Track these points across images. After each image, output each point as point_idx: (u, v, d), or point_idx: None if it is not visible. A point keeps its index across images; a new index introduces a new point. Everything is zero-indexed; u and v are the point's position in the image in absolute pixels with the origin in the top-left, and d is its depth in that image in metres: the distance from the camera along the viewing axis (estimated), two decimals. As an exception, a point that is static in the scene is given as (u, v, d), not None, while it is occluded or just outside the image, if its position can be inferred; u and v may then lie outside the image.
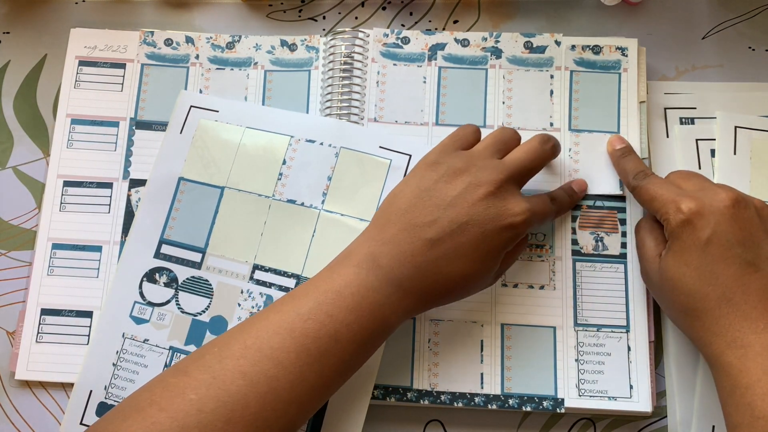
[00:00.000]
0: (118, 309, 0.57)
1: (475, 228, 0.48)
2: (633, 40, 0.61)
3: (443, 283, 0.48)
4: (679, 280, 0.49)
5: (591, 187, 0.59)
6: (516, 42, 0.61)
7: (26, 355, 0.57)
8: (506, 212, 0.49)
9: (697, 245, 0.48)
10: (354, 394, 0.54)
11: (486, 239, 0.48)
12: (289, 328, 0.45)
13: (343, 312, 0.46)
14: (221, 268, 0.57)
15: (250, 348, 0.45)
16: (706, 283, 0.48)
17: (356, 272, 0.47)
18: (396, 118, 0.60)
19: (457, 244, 0.48)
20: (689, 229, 0.48)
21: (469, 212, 0.48)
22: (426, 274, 0.48)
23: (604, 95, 0.60)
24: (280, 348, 0.44)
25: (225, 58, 0.62)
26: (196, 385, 0.43)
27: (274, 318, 0.46)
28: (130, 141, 0.60)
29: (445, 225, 0.48)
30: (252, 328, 0.46)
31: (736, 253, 0.48)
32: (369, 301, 0.47)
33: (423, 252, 0.48)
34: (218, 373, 0.44)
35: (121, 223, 0.59)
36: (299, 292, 0.48)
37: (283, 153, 0.59)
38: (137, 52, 0.62)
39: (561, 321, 0.56)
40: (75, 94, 0.61)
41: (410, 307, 0.48)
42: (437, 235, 0.48)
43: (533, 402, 0.55)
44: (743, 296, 0.47)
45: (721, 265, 0.47)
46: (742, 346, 0.46)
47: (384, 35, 0.62)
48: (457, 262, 0.48)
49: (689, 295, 0.48)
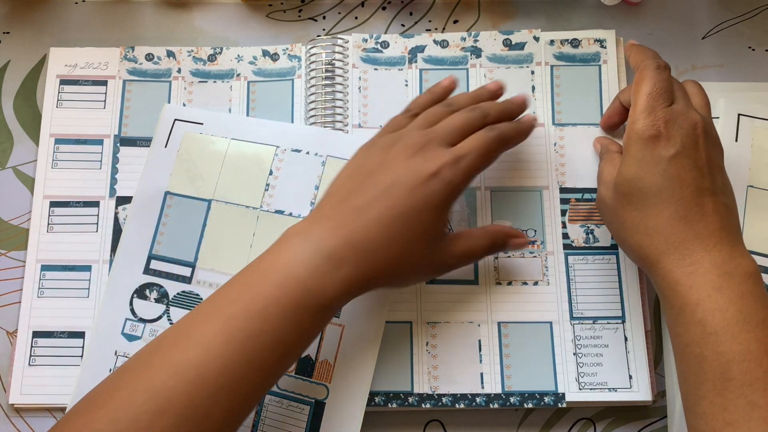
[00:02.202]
0: (110, 327, 0.56)
1: (401, 188, 0.47)
2: (611, 32, 0.62)
3: (379, 252, 0.47)
4: (634, 194, 0.48)
5: (578, 181, 0.59)
6: (495, 40, 0.62)
7: (19, 379, 0.56)
8: (429, 161, 0.48)
9: (657, 159, 0.47)
10: (349, 400, 0.54)
11: (415, 196, 0.47)
12: (218, 313, 0.45)
13: (270, 288, 0.45)
14: (212, 282, 0.57)
15: (180, 337, 0.44)
16: (661, 200, 0.47)
17: (285, 249, 0.47)
18: (380, 122, 0.60)
19: (386, 207, 0.47)
20: (652, 142, 0.47)
21: (393, 174, 0.48)
22: (357, 244, 0.46)
23: (585, 88, 0.61)
24: (207, 333, 0.44)
25: (207, 71, 0.62)
26: (128, 378, 0.43)
27: (205, 307, 0.46)
28: (115, 158, 0.60)
29: (371, 190, 0.48)
30: (185, 319, 0.46)
31: (694, 176, 0.47)
32: (297, 274, 0.45)
33: (352, 220, 0.47)
34: (148, 365, 0.43)
35: (109, 242, 0.58)
36: (231, 280, 0.47)
37: (269, 163, 0.59)
38: (118, 69, 0.62)
39: (557, 316, 0.56)
40: (57, 113, 0.61)
41: (347, 281, 0.46)
42: (365, 202, 0.47)
43: (534, 398, 0.55)
44: (697, 216, 0.47)
45: (678, 185, 0.47)
46: (691, 263, 0.46)
47: (363, 40, 0.62)
48: (390, 226, 0.47)
49: (642, 208, 0.48)
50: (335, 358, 0.54)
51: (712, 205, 0.47)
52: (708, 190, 0.47)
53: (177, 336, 0.45)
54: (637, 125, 0.48)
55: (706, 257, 0.46)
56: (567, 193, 0.59)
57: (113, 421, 0.41)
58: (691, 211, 0.47)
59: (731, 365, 0.43)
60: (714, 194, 0.47)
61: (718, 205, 0.47)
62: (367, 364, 0.54)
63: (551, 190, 0.59)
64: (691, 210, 0.47)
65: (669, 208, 0.47)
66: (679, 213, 0.47)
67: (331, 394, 0.54)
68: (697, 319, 0.45)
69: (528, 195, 0.59)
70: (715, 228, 0.47)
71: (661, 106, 0.48)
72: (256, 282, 0.45)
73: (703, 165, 0.48)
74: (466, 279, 0.57)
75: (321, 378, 0.54)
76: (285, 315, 0.44)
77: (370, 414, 0.54)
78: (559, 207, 0.59)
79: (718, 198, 0.47)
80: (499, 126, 0.52)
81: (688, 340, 0.45)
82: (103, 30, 0.64)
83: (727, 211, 0.48)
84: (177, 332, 0.45)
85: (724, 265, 0.45)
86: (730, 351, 0.43)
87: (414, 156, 0.49)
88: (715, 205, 0.47)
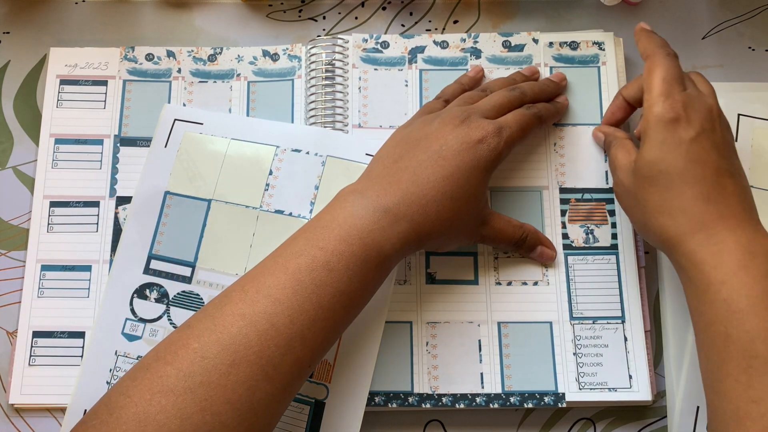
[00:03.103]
0: (110, 327, 0.56)
1: (450, 151, 0.50)
2: (609, 34, 0.62)
3: (433, 208, 0.49)
4: (657, 176, 0.49)
5: (578, 181, 0.59)
6: (494, 42, 0.62)
7: (19, 379, 0.56)
8: (474, 130, 0.51)
9: (678, 141, 0.48)
10: (349, 400, 0.54)
11: (463, 159, 0.50)
12: (283, 266, 0.46)
13: (332, 242, 0.47)
14: (212, 282, 0.57)
15: (248, 291, 0.45)
16: (684, 181, 0.48)
17: (342, 206, 0.49)
18: (380, 123, 0.60)
19: (437, 167, 0.50)
20: (672, 125, 0.48)
21: (442, 139, 0.51)
22: (413, 200, 0.49)
23: (585, 88, 0.61)
24: (275, 286, 0.45)
25: (207, 71, 0.62)
26: (197, 333, 0.44)
27: (268, 263, 0.47)
28: (115, 158, 0.60)
29: (420, 154, 0.51)
30: (249, 276, 0.47)
31: (714, 158, 0.48)
32: (357, 228, 0.47)
33: (406, 179, 0.50)
34: (218, 319, 0.44)
35: (109, 242, 0.58)
36: (291, 237, 0.49)
37: (269, 163, 0.59)
38: (118, 69, 0.62)
39: (557, 316, 0.56)
40: (57, 113, 0.61)
41: (404, 236, 0.48)
42: (416, 164, 0.50)
43: (534, 398, 0.55)
44: (720, 197, 0.47)
45: (700, 166, 0.48)
46: (716, 242, 0.46)
47: (363, 40, 0.62)
48: (442, 185, 0.50)
49: (665, 190, 0.48)
50: (335, 358, 0.54)
51: (732, 186, 0.48)
52: (728, 171, 0.48)
53: (244, 290, 0.46)
54: (656, 108, 0.49)
55: (731, 237, 0.46)
56: (567, 194, 0.59)
57: (187, 376, 0.42)
58: (714, 191, 0.47)
59: (756, 343, 0.43)
60: (733, 175, 0.48)
61: (738, 186, 0.48)
62: (366, 364, 0.54)
63: (551, 190, 0.59)
64: (713, 190, 0.47)
65: (692, 189, 0.47)
66: (702, 193, 0.47)
67: (331, 394, 0.54)
68: (722, 297, 0.45)
69: (528, 195, 0.59)
70: (737, 208, 0.47)
71: (677, 90, 0.49)
72: (318, 237, 0.47)
73: (721, 146, 0.48)
74: (466, 279, 0.57)
75: (321, 378, 0.54)
76: (348, 267, 0.46)
77: (370, 414, 0.54)
78: (559, 207, 0.59)
79: (736, 179, 0.48)
80: (537, 105, 0.57)
81: (713, 319, 0.45)
82: (103, 30, 0.64)
83: (746, 192, 0.49)
84: (243, 287, 0.46)
85: (748, 245, 0.46)
86: (755, 329, 0.43)
87: (460, 125, 0.52)
88: (735, 186, 0.48)
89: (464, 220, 0.52)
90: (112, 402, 0.42)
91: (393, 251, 0.48)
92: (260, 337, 0.43)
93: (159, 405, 0.41)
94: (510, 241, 0.56)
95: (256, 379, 0.43)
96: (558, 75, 0.60)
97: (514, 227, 0.56)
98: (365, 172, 0.52)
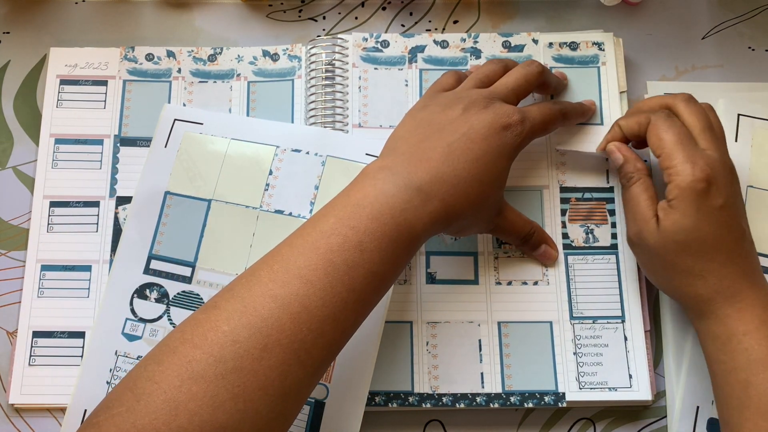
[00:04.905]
0: (110, 327, 0.56)
1: (477, 135, 0.50)
2: (609, 35, 0.62)
3: (463, 189, 0.49)
4: (691, 242, 0.50)
5: (579, 180, 0.59)
6: (494, 42, 0.62)
7: (19, 379, 0.56)
8: (500, 116, 0.51)
9: (710, 210, 0.50)
10: (349, 400, 0.54)
11: (490, 143, 0.50)
12: (313, 246, 0.45)
13: (364, 221, 0.45)
14: (212, 282, 0.57)
15: (278, 272, 0.44)
16: (715, 248, 0.50)
17: (373, 183, 0.47)
18: (380, 122, 0.60)
19: (466, 149, 0.50)
20: (704, 194, 0.50)
21: (468, 123, 0.51)
22: (446, 179, 0.48)
23: (584, 89, 0.61)
24: (306, 266, 0.44)
25: (207, 71, 0.62)
26: (227, 316, 0.42)
27: (297, 241, 0.46)
28: (115, 158, 0.60)
29: (448, 136, 0.50)
30: (277, 255, 0.45)
31: (737, 222, 0.51)
32: (389, 207, 0.46)
33: (438, 157, 0.49)
34: (248, 301, 0.43)
35: (109, 242, 0.58)
36: (319, 214, 0.47)
37: (269, 163, 0.59)
38: (118, 69, 0.62)
39: (557, 315, 0.56)
40: (57, 113, 0.61)
41: (435, 215, 0.48)
42: (445, 144, 0.50)
43: (534, 398, 0.55)
44: (740, 257, 0.51)
45: (728, 231, 0.50)
46: (741, 300, 0.50)
47: (363, 39, 0.62)
48: (473, 166, 0.49)
49: (697, 255, 0.50)
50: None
51: (748, 246, 0.52)
52: (746, 232, 0.52)
53: (273, 270, 0.44)
54: (686, 178, 0.50)
55: (752, 294, 0.50)
56: (567, 193, 0.59)
57: (218, 361, 0.40)
58: (736, 252, 0.51)
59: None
60: (747, 234, 0.52)
61: (751, 244, 0.52)
62: (366, 364, 0.54)
63: (551, 190, 0.59)
64: (735, 251, 0.51)
65: (722, 254, 0.50)
66: (730, 256, 0.50)
67: (331, 394, 0.54)
68: (743, 347, 0.48)
69: (528, 194, 0.59)
70: (754, 266, 0.51)
71: (695, 152, 0.51)
72: (349, 215, 0.46)
73: (741, 209, 0.52)
74: (467, 279, 0.57)
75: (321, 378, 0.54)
76: (380, 247, 0.45)
77: (370, 414, 0.54)
78: (559, 206, 0.59)
79: (748, 237, 0.52)
80: (563, 101, 0.58)
81: (733, 366, 0.48)
82: (103, 30, 0.64)
83: (754, 248, 0.52)
84: (272, 267, 0.44)
85: (766, 299, 0.50)
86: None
87: (484, 110, 0.51)
88: (750, 245, 0.52)
89: (488, 205, 0.52)
90: (139, 388, 0.40)
91: (423, 230, 0.47)
92: (293, 320, 0.42)
93: (189, 392, 0.39)
94: (519, 234, 0.56)
95: (288, 363, 0.42)
96: (560, 74, 0.61)
97: (524, 221, 0.56)
98: (387, 149, 0.52)
